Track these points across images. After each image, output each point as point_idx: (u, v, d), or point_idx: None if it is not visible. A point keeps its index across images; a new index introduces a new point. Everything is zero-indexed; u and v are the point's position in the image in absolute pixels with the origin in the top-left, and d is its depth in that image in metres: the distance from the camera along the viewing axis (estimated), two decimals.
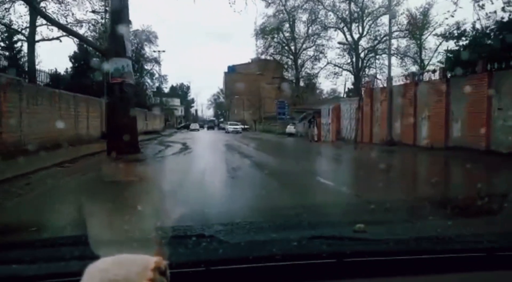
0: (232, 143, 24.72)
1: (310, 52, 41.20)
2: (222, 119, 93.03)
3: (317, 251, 1.08)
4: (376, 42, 37.90)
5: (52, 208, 5.54)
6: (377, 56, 38.40)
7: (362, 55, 39.00)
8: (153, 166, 12.39)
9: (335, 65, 39.60)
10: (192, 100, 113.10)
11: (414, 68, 35.36)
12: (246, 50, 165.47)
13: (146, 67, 57.51)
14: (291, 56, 42.25)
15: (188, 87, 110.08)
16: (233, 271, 0.99)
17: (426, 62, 36.11)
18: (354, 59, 38.62)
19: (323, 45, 39.69)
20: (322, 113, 27.20)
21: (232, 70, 76.80)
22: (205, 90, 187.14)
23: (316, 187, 7.71)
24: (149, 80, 59.57)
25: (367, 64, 39.51)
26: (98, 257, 0.66)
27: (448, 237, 1.35)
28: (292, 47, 41.62)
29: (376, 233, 1.54)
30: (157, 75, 60.77)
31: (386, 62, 28.37)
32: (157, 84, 62.79)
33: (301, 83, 41.94)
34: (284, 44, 41.94)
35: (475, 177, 8.58)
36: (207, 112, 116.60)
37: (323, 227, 1.80)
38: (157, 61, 59.26)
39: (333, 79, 54.43)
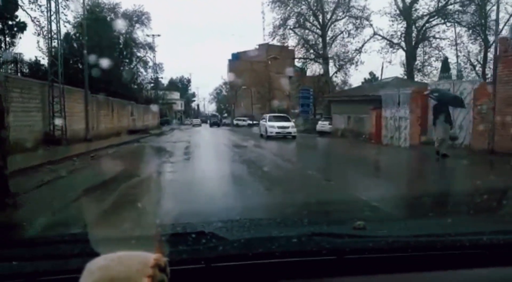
0: (260, 152, 15.33)
1: (344, 23, 32.05)
2: (225, 115, 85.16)
3: (316, 248, 1.07)
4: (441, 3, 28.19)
5: None
6: (447, 22, 28.64)
7: (419, 24, 29.72)
8: None
9: (383, 37, 30.20)
10: (193, 94, 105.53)
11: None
12: (251, 44, 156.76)
13: (138, 54, 49.23)
14: (317, 30, 32.88)
15: (188, 81, 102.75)
16: (233, 268, 0.98)
17: None
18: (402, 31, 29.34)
19: (358, 17, 30.67)
20: (385, 102, 17.89)
21: (236, 58, 67.98)
22: (207, 83, 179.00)
23: None
24: (142, 70, 51.12)
25: (426, 35, 29.96)
26: (98, 254, 0.66)
27: (447, 234, 1.30)
28: (320, 18, 32.12)
29: (376, 230, 1.44)
30: (151, 64, 52.36)
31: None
32: (151, 74, 54.72)
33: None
34: (309, 14, 32.90)
35: None
36: (209, 107, 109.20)
37: (322, 224, 1.68)
38: (151, 47, 51.34)
39: (386, 54, 42.86)
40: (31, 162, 10.06)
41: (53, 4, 17.83)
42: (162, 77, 56.04)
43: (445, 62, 31.10)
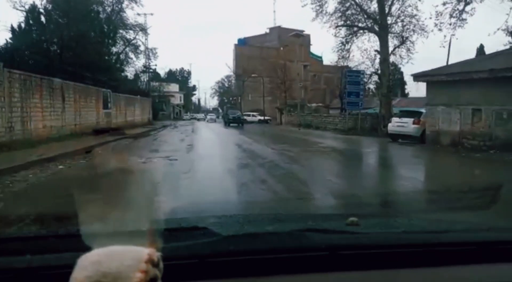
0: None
1: None
2: (224, 111, 76.29)
3: (310, 243, 1.07)
4: None
5: None
6: None
7: None
8: None
9: None
10: (194, 88, 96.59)
11: None
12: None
13: (127, 36, 40.40)
14: None
15: (189, 73, 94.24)
16: (227, 264, 0.98)
17: None
18: None
19: None
20: None
21: (243, 44, 58.43)
22: (209, 76, 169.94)
23: None
24: (132, 55, 42.09)
25: None
26: (90, 249, 0.65)
27: (440, 231, 1.33)
28: None
29: (369, 226, 1.42)
30: (142, 48, 43.34)
31: None
32: (144, 61, 45.81)
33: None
34: None
35: None
36: (211, 102, 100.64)
37: (316, 220, 1.67)
38: (143, 28, 42.44)
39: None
40: None
41: None
42: (156, 65, 47.39)
43: None
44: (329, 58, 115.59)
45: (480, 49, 51.94)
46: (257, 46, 55.64)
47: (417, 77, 15.33)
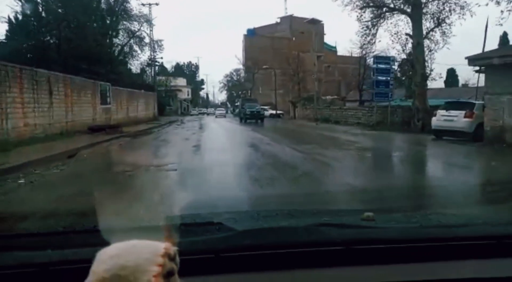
0: None
1: None
2: (238, 103, 73.88)
3: (325, 238, 1.07)
4: None
5: None
6: None
7: None
8: None
9: None
10: (202, 82, 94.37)
11: None
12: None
13: (132, 28, 38.44)
14: None
15: (196, 67, 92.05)
16: (242, 258, 0.98)
17: None
18: None
19: None
20: None
21: (252, 34, 55.63)
22: (217, 71, 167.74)
23: None
24: (137, 48, 40.05)
25: None
26: (108, 244, 0.66)
27: (457, 225, 1.33)
28: None
29: (384, 221, 1.40)
30: (147, 40, 41.26)
31: None
32: (150, 54, 43.70)
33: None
34: None
35: None
36: (220, 96, 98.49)
37: (330, 215, 1.66)
38: (147, 19, 40.40)
39: None
40: None
41: None
42: (161, 58, 44.85)
43: None
44: (344, 47, 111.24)
45: (504, 36, 48.85)
46: (267, 36, 52.91)
47: (474, 60, 12.52)
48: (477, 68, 14.05)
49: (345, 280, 0.99)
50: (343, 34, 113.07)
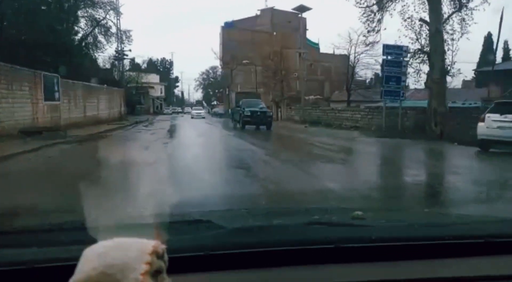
0: None
1: None
2: (215, 103, 69.97)
3: (314, 236, 1.07)
4: None
5: None
6: None
7: None
8: None
9: None
10: (176, 79, 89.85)
11: None
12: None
13: (96, 15, 34.03)
14: None
15: (171, 63, 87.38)
16: (231, 256, 0.98)
17: None
18: None
19: None
20: None
21: (230, 27, 51.71)
22: (192, 69, 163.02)
23: None
24: (103, 39, 35.51)
25: None
26: (95, 241, 0.65)
27: (445, 224, 1.34)
28: None
29: (374, 219, 1.41)
30: (114, 30, 36.88)
31: None
32: (117, 45, 39.36)
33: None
34: None
35: None
36: (195, 95, 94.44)
37: (320, 213, 1.56)
38: (114, 7, 36.05)
39: None
40: None
41: None
42: (130, 50, 40.29)
43: None
44: (326, 45, 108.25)
45: (488, 37, 47.24)
46: (247, 29, 49.23)
47: None
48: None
49: (335, 278, 0.97)
50: (325, 31, 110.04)
